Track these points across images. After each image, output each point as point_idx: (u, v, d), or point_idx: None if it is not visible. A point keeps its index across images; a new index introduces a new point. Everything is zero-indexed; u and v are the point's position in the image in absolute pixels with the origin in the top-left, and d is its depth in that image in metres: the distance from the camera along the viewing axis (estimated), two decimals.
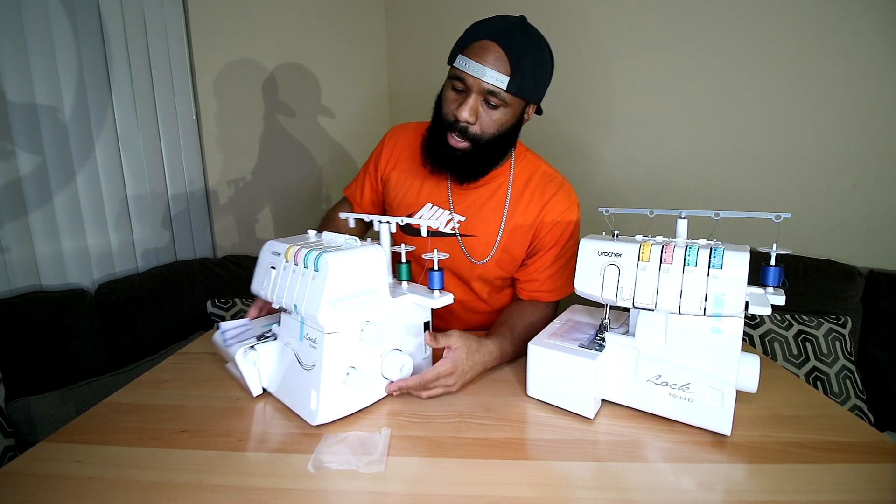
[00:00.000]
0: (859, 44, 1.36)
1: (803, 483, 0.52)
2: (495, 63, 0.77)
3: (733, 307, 0.57)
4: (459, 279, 0.97)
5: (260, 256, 0.73)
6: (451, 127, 0.83)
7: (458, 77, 0.80)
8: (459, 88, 0.81)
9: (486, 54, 0.77)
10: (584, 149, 1.83)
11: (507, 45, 0.78)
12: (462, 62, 0.79)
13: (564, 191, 0.93)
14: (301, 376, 0.65)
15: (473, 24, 0.82)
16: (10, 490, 0.52)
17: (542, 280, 0.93)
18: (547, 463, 0.56)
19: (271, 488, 0.53)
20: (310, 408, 0.63)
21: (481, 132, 0.82)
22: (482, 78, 0.77)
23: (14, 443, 1.00)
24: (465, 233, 0.93)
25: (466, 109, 0.79)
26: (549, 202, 0.91)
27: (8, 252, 1.20)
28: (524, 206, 0.91)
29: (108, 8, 1.35)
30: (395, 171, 0.99)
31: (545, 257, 0.92)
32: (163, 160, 1.53)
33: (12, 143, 1.18)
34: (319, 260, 0.61)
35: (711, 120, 1.59)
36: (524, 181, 0.93)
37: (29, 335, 1.15)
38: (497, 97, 0.79)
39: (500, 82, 0.77)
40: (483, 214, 0.92)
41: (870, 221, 1.42)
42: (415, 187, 0.96)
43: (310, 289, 0.62)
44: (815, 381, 1.28)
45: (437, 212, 0.94)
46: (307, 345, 0.65)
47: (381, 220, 0.75)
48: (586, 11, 1.73)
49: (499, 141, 0.84)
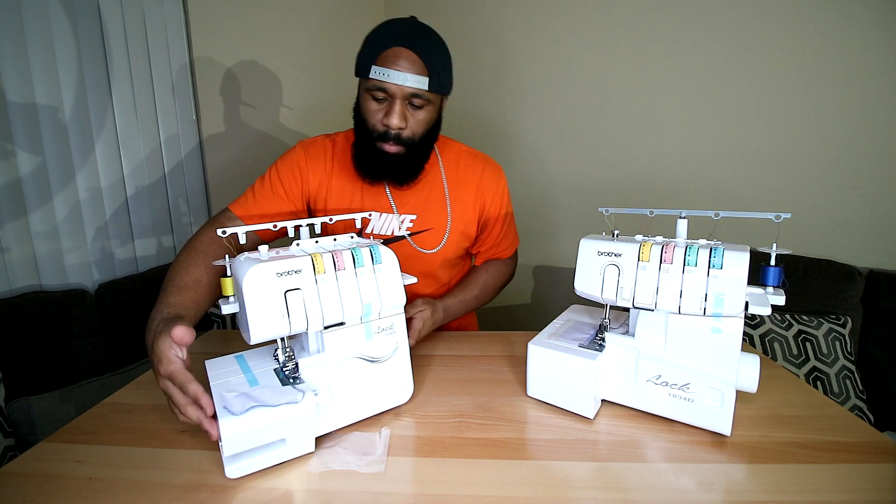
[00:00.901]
0: (860, 44, 1.36)
1: (803, 483, 0.52)
2: (412, 67, 0.81)
3: (733, 307, 0.57)
4: (420, 274, 1.00)
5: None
6: (382, 137, 0.85)
7: (379, 87, 0.82)
8: (380, 98, 0.83)
9: (400, 60, 0.80)
10: (583, 149, 1.83)
11: (416, 47, 0.81)
12: (380, 73, 0.80)
13: (490, 163, 1.03)
14: (374, 373, 0.66)
15: (374, 34, 0.84)
16: (10, 490, 0.52)
17: (498, 243, 1.06)
18: (547, 463, 0.56)
19: (271, 488, 0.53)
20: (399, 388, 0.68)
21: (412, 134, 0.86)
22: (405, 84, 0.80)
23: (14, 443, 1.00)
24: (419, 229, 0.97)
25: (395, 116, 0.82)
26: (482, 177, 1.00)
27: (8, 252, 1.20)
28: (463, 187, 0.99)
29: (108, 8, 1.35)
30: (323, 189, 0.95)
31: (497, 225, 1.03)
32: (163, 160, 1.53)
33: (12, 143, 1.18)
34: (376, 251, 0.63)
35: (711, 120, 1.59)
36: (453, 164, 1.00)
37: (29, 335, 1.15)
38: (421, 98, 0.83)
39: (422, 84, 0.82)
40: (431, 207, 0.97)
41: (870, 221, 1.42)
42: (356, 201, 0.95)
43: (380, 282, 0.63)
44: (815, 381, 1.28)
45: (386, 218, 0.96)
46: (382, 336, 0.65)
47: (301, 224, 0.66)
48: (586, 11, 1.73)
49: (428, 138, 0.89)
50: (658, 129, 1.68)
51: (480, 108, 1.96)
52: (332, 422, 0.62)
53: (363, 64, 0.83)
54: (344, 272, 0.61)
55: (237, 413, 0.52)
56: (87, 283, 1.35)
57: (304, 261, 0.58)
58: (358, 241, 0.67)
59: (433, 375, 0.79)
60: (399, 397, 0.68)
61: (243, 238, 0.61)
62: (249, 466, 0.54)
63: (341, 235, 0.68)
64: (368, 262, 0.63)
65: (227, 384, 0.59)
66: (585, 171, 1.83)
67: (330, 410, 0.62)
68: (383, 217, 0.96)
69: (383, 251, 0.64)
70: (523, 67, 1.88)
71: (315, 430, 0.58)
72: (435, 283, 1.03)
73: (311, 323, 0.58)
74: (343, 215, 0.71)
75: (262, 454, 0.55)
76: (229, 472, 0.53)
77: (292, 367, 0.60)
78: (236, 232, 0.60)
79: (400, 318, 0.68)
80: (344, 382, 0.63)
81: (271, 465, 0.55)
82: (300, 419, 0.55)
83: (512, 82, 1.91)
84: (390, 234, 0.96)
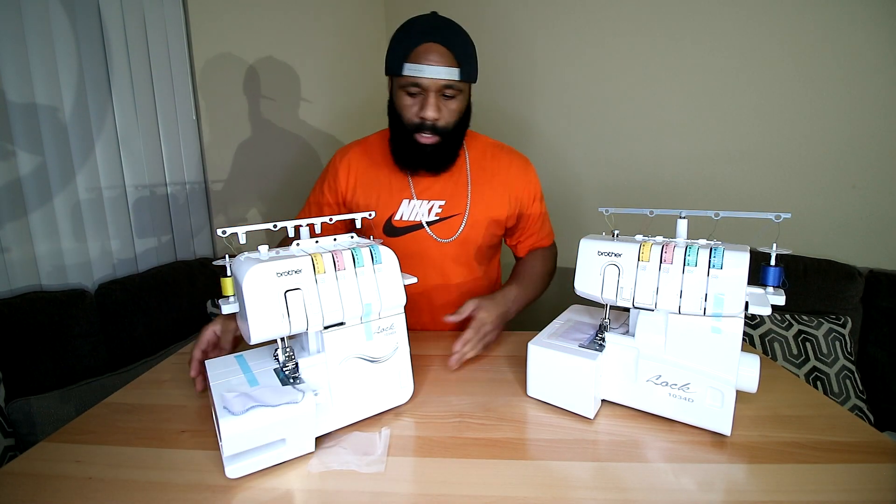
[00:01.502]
0: (860, 43, 1.36)
1: (803, 483, 0.52)
2: (443, 60, 0.86)
3: (733, 307, 0.57)
4: (437, 264, 1.02)
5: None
6: (418, 128, 0.90)
7: (413, 83, 0.87)
8: (414, 92, 0.88)
9: (431, 55, 0.85)
10: (583, 149, 1.83)
11: (444, 41, 0.86)
12: (413, 69, 0.85)
13: (515, 153, 1.06)
14: (374, 373, 0.65)
15: (400, 34, 0.89)
16: (11, 490, 0.52)
17: (538, 231, 1.08)
18: (547, 463, 0.56)
19: (271, 488, 0.53)
20: (399, 388, 0.68)
21: (446, 124, 0.91)
22: (438, 76, 0.85)
23: (14, 443, 1.00)
24: (448, 214, 0.99)
25: (431, 109, 0.87)
26: (510, 168, 1.03)
27: (8, 252, 1.20)
28: (488, 177, 1.01)
29: (108, 8, 1.35)
30: (359, 187, 1.02)
31: (533, 214, 1.06)
32: (163, 160, 1.53)
33: (12, 143, 1.18)
34: (376, 252, 0.63)
35: (711, 120, 1.59)
36: (479, 155, 1.03)
37: (29, 335, 1.15)
38: (453, 88, 0.88)
39: (453, 75, 0.86)
40: (451, 194, 1.00)
41: (870, 221, 1.42)
42: (384, 192, 1.01)
43: (380, 282, 0.63)
44: (815, 381, 1.28)
45: (415, 205, 1.00)
46: (382, 336, 0.65)
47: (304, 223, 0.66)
48: (584, 12, 1.73)
49: (461, 125, 0.94)
50: (658, 128, 1.68)
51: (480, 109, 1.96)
52: (332, 422, 0.62)
53: (395, 63, 0.87)
54: (344, 272, 0.61)
55: (237, 413, 0.52)
56: (87, 283, 1.35)
57: (304, 261, 0.58)
58: (358, 241, 0.67)
59: (433, 375, 0.79)
60: (399, 397, 0.68)
61: (243, 238, 0.60)
62: (249, 466, 0.54)
63: (341, 235, 0.67)
64: (368, 262, 0.63)
65: (228, 384, 0.59)
66: (585, 171, 1.83)
67: (330, 410, 0.62)
68: (412, 204, 0.99)
69: (383, 251, 0.64)
70: (521, 70, 1.88)
71: (315, 430, 0.58)
72: (455, 275, 1.03)
73: (312, 323, 0.58)
74: (344, 215, 0.71)
75: (262, 454, 0.55)
76: (229, 472, 0.53)
77: (292, 367, 0.60)
78: (236, 232, 0.61)
79: (400, 318, 0.67)
80: (344, 382, 0.63)
81: (271, 465, 0.55)
82: (300, 419, 0.55)
83: (511, 83, 1.91)
84: (418, 220, 0.99)
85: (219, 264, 0.61)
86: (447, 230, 0.99)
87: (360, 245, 0.64)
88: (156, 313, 1.39)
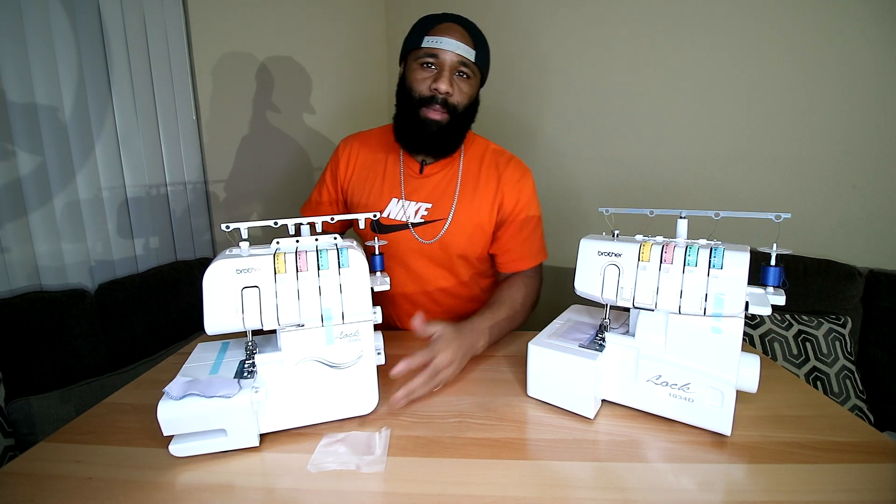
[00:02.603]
0: (859, 43, 1.36)
1: (803, 483, 0.52)
2: (463, 38, 0.89)
3: (733, 307, 0.57)
4: (419, 266, 1.00)
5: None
6: (428, 101, 0.90)
7: (430, 55, 0.88)
8: (430, 64, 0.89)
9: (453, 32, 0.89)
10: (583, 148, 1.83)
11: (465, 25, 0.91)
12: (432, 41, 0.88)
13: (515, 162, 1.02)
14: (334, 379, 0.64)
15: (422, 18, 0.93)
16: (10, 490, 0.52)
17: (516, 248, 0.99)
18: (547, 463, 0.56)
19: (271, 488, 0.53)
20: (362, 398, 0.66)
21: (457, 103, 0.91)
22: (456, 51, 0.87)
23: (14, 443, 1.00)
24: (433, 218, 0.98)
25: (444, 82, 0.88)
26: (504, 174, 0.99)
27: (8, 252, 1.20)
28: (482, 182, 0.99)
29: (108, 8, 1.35)
30: (355, 177, 1.03)
31: (513, 225, 0.99)
32: (163, 160, 1.53)
33: (12, 143, 1.18)
34: (344, 255, 0.62)
35: (711, 120, 1.59)
36: (478, 159, 1.01)
37: (29, 335, 1.15)
38: (468, 68, 0.90)
39: (470, 54, 0.89)
40: (439, 197, 0.98)
41: (870, 221, 1.42)
42: (376, 188, 1.01)
43: (346, 286, 0.62)
44: (815, 381, 1.28)
45: (403, 205, 0.99)
46: (344, 342, 0.63)
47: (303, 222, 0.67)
48: (582, 12, 1.73)
49: (468, 113, 0.94)
50: (658, 128, 1.68)
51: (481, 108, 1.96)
52: (282, 421, 0.62)
53: (414, 38, 0.91)
54: (305, 273, 0.60)
55: (175, 397, 0.56)
56: (87, 283, 1.35)
57: (264, 260, 0.59)
58: (339, 242, 0.66)
59: None
60: (361, 407, 0.66)
61: (245, 233, 0.62)
62: (192, 449, 0.57)
63: (324, 236, 0.66)
64: (334, 265, 0.61)
65: (192, 368, 0.62)
66: (585, 171, 1.82)
67: (282, 410, 0.62)
68: (400, 203, 0.99)
69: (352, 255, 0.62)
70: (519, 69, 1.88)
71: (257, 426, 0.59)
72: (434, 277, 1.01)
73: (266, 321, 0.59)
74: (344, 215, 0.71)
75: (204, 440, 0.57)
76: (172, 450, 0.57)
77: (251, 362, 0.62)
78: (238, 227, 0.62)
79: (367, 325, 0.64)
80: (299, 384, 0.62)
81: (213, 451, 0.58)
82: (234, 413, 0.57)
83: (509, 84, 1.91)
84: (406, 220, 0.98)
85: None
86: (430, 233, 0.97)
87: (329, 248, 0.63)
88: (156, 313, 1.39)
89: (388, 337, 0.81)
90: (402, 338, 0.94)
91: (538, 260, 1.01)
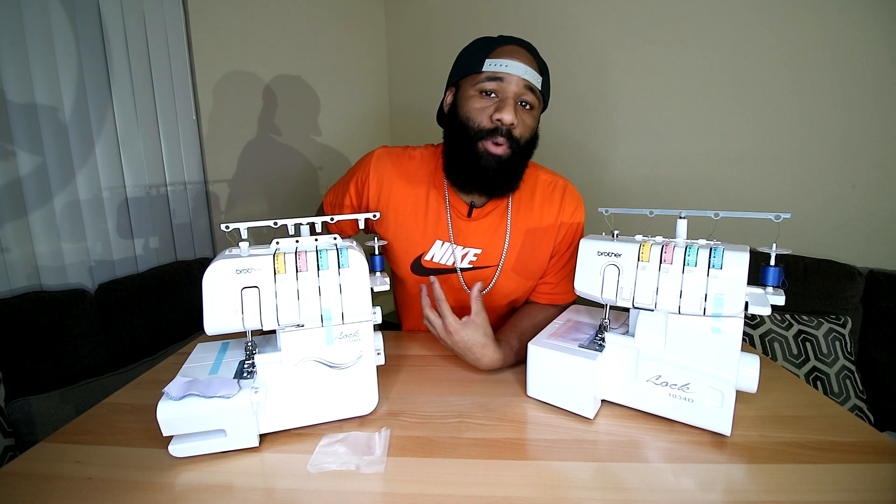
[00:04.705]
0: (859, 43, 1.36)
1: (803, 483, 0.52)
2: (529, 62, 0.79)
3: (733, 307, 0.57)
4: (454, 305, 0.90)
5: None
6: (490, 133, 0.79)
7: (493, 78, 0.78)
8: (490, 92, 0.79)
9: (518, 56, 0.78)
10: (583, 149, 1.83)
11: (529, 49, 0.81)
12: (496, 64, 0.77)
13: (570, 193, 0.92)
14: (334, 379, 0.64)
15: (476, 42, 0.83)
16: (10, 490, 0.52)
17: (556, 283, 0.92)
18: (547, 463, 0.56)
19: (271, 488, 0.53)
20: (361, 398, 0.65)
21: (520, 136, 0.80)
22: (524, 76, 0.77)
23: (14, 443, 1.00)
24: (483, 264, 0.90)
25: (509, 112, 0.76)
26: (563, 210, 0.90)
27: (8, 252, 1.20)
28: (538, 217, 0.90)
29: (108, 8, 1.35)
30: (390, 211, 0.90)
31: (560, 260, 0.92)
32: (163, 160, 1.53)
33: (12, 143, 1.18)
34: (343, 255, 0.61)
35: (711, 120, 1.59)
36: (529, 193, 0.91)
37: (29, 335, 1.15)
38: (533, 94, 0.79)
39: (537, 80, 0.79)
40: (495, 243, 0.89)
41: (870, 221, 1.42)
42: (418, 227, 0.90)
43: (346, 286, 0.61)
44: (815, 381, 1.28)
45: (448, 248, 0.89)
46: (344, 343, 0.63)
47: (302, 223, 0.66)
48: (586, 13, 1.73)
49: (529, 148, 0.83)
50: (658, 129, 1.68)
51: None
52: (282, 421, 0.62)
53: (473, 61, 0.80)
54: (305, 273, 0.60)
55: (174, 397, 0.56)
56: (87, 283, 1.35)
57: (264, 260, 0.59)
58: (340, 243, 0.65)
59: (433, 375, 0.79)
60: (361, 407, 0.66)
61: (245, 233, 0.61)
62: (192, 449, 0.57)
63: (324, 237, 0.66)
64: (334, 265, 0.61)
65: (192, 369, 0.62)
66: (585, 171, 1.83)
67: (282, 410, 0.61)
68: (446, 246, 0.89)
69: (351, 255, 0.62)
70: None
71: (257, 427, 0.59)
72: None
73: (266, 321, 0.59)
74: (345, 215, 0.71)
75: (204, 440, 0.57)
76: (172, 450, 0.56)
77: (251, 362, 0.62)
78: (238, 227, 0.61)
79: (366, 325, 0.64)
80: (298, 384, 0.62)
81: (213, 451, 0.58)
82: (234, 413, 0.57)
83: None
84: (450, 264, 0.90)
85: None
86: (479, 280, 0.87)
87: (330, 248, 0.62)
88: (156, 313, 1.39)
89: (387, 337, 0.81)
90: (402, 338, 0.94)
91: (572, 297, 0.93)
